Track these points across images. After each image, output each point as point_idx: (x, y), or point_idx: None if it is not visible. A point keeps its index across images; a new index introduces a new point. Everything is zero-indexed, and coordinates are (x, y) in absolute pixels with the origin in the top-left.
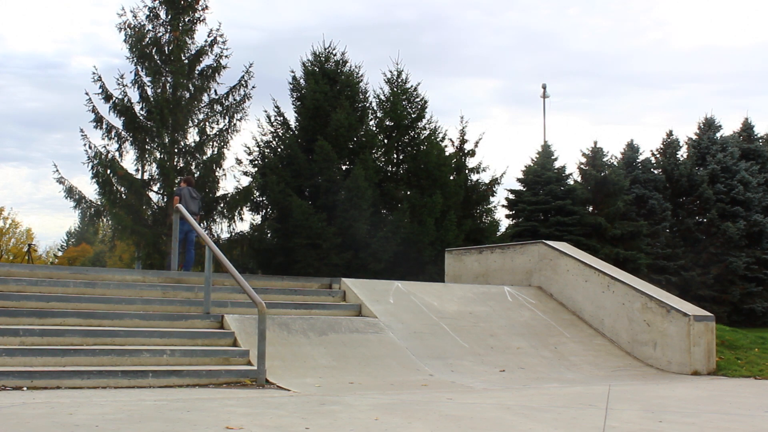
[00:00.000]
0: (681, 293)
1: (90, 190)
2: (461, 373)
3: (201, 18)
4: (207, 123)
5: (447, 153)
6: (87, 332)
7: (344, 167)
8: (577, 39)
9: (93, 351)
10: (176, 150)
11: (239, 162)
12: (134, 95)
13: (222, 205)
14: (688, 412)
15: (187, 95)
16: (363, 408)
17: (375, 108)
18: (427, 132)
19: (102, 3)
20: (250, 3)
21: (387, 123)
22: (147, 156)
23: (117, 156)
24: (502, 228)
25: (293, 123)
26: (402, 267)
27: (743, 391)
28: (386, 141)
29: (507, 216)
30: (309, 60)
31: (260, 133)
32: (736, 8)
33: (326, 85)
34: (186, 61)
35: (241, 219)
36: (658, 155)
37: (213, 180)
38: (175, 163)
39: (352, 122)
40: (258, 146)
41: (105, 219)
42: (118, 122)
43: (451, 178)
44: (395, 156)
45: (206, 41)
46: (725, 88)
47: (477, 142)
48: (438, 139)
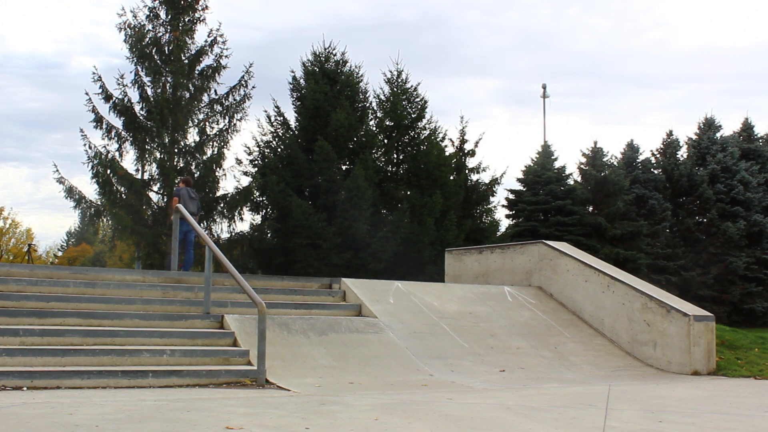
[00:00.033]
0: (681, 293)
1: (90, 190)
2: (461, 373)
3: (201, 18)
4: (207, 123)
5: (447, 153)
6: (87, 332)
7: (344, 167)
8: (577, 39)
9: (93, 351)
10: (176, 150)
11: (239, 162)
12: (134, 95)
13: (222, 205)
14: (688, 412)
15: (187, 95)
16: (363, 408)
17: (375, 108)
18: (427, 132)
19: (102, 3)
20: (250, 3)
21: (387, 123)
22: (147, 156)
23: (117, 156)
24: (502, 228)
25: (293, 123)
26: (402, 267)
27: (743, 391)
28: (386, 141)
29: (507, 216)
30: (309, 60)
31: (260, 133)
32: (736, 8)
33: (326, 85)
34: (186, 61)
35: (241, 219)
36: (658, 155)
37: (213, 180)
38: (175, 163)
39: (352, 122)
40: (258, 146)
41: (105, 219)
42: (118, 122)
43: (451, 178)
44: (395, 156)
45: (206, 41)
46: (725, 88)
47: (477, 142)
48: (438, 139)
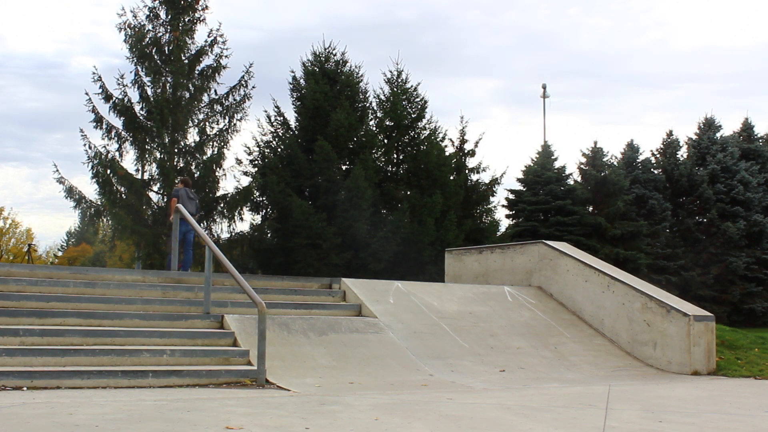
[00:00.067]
0: (681, 293)
1: (90, 190)
2: (461, 373)
3: (201, 18)
4: (207, 123)
5: (447, 153)
6: (87, 332)
7: (344, 167)
8: (577, 39)
9: (93, 351)
10: (176, 150)
11: (239, 162)
12: (134, 95)
13: (222, 205)
14: (688, 412)
15: (187, 95)
16: (363, 408)
17: (375, 108)
18: (427, 132)
19: (102, 3)
20: (250, 3)
21: (387, 123)
22: (147, 156)
23: (117, 156)
24: (502, 228)
25: (293, 123)
26: (402, 267)
27: (743, 391)
28: (386, 141)
29: (507, 216)
30: (309, 60)
31: (260, 133)
32: (736, 8)
33: (326, 85)
34: (186, 61)
35: (241, 219)
36: (658, 155)
37: (213, 180)
38: (175, 163)
39: (352, 122)
40: (258, 146)
41: (105, 219)
42: (118, 122)
43: (451, 178)
44: (395, 156)
45: (206, 41)
46: (725, 88)
47: (477, 142)
48: (438, 139)
